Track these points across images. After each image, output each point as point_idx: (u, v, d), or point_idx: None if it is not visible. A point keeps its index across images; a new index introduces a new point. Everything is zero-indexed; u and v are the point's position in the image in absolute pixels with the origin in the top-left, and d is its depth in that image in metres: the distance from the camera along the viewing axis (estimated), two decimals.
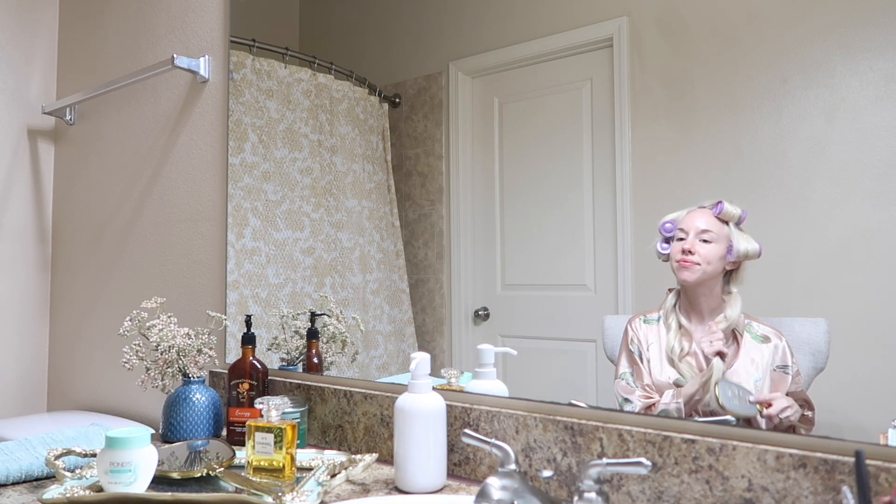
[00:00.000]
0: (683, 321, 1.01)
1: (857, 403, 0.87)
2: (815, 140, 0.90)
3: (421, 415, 1.06)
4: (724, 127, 0.98)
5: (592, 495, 0.83)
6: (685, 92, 1.01)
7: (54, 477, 1.18)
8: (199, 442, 1.26)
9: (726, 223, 0.98)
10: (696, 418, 0.98)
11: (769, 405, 0.93)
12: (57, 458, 1.15)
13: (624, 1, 1.08)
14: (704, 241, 0.98)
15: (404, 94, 1.37)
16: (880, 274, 0.85)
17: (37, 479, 1.17)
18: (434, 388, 1.11)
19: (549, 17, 1.16)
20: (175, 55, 1.69)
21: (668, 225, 1.02)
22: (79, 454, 1.20)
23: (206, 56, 1.75)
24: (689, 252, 0.99)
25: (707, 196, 0.99)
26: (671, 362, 1.02)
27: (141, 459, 1.02)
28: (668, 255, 1.02)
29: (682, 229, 1.01)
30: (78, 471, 1.13)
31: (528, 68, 1.19)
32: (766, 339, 0.95)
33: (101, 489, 1.06)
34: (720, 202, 0.98)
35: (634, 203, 1.06)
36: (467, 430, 0.94)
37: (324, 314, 1.46)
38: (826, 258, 0.89)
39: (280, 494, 1.01)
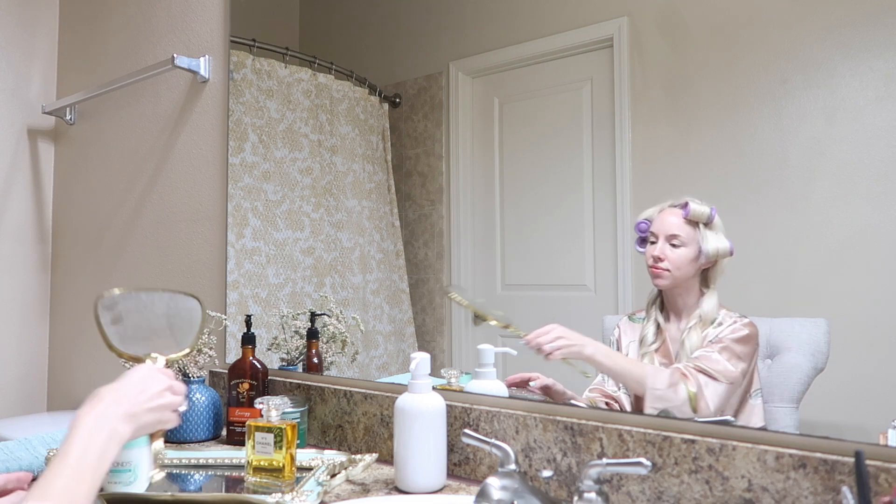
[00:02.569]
0: (660, 318, 1.02)
1: (857, 403, 0.87)
2: (815, 140, 0.90)
3: (421, 415, 1.06)
4: (724, 127, 0.98)
5: (592, 495, 0.82)
6: (685, 92, 1.01)
7: None
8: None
9: (696, 224, 0.98)
10: (696, 418, 0.98)
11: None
12: None
13: (624, 1, 1.08)
14: (674, 245, 0.99)
15: (404, 94, 1.37)
16: (880, 274, 0.85)
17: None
18: (434, 388, 1.11)
19: (550, 17, 1.16)
20: (175, 55, 1.69)
21: (642, 225, 1.02)
22: None
23: (206, 56, 1.75)
24: (659, 259, 1.00)
25: (707, 195, 0.99)
26: (641, 354, 1.04)
27: (141, 459, 1.02)
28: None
29: (652, 233, 1.01)
30: None
31: (528, 68, 1.19)
32: (719, 325, 0.96)
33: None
34: (686, 203, 0.98)
35: (634, 203, 1.06)
36: (467, 430, 0.94)
37: (324, 314, 1.46)
38: (826, 258, 0.89)
39: (280, 494, 1.01)
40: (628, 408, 1.04)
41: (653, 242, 1.01)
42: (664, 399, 0.96)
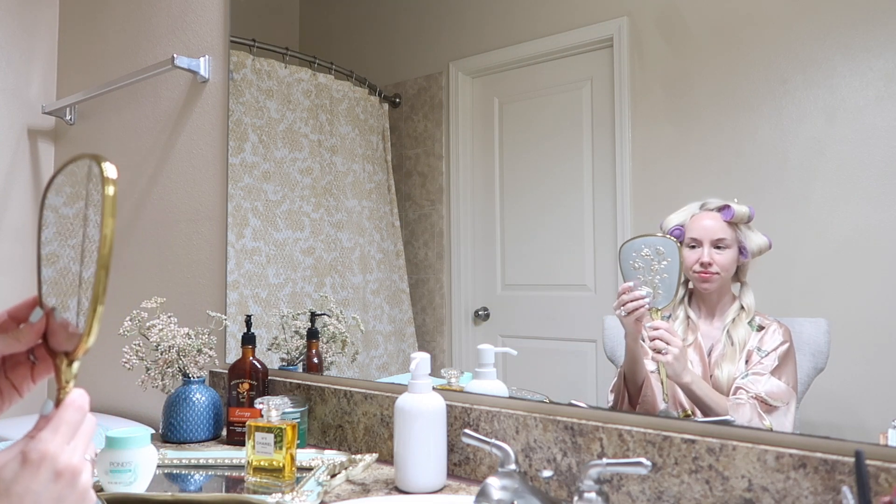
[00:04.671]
0: (692, 315, 1.02)
1: (857, 403, 0.87)
2: (815, 140, 0.90)
3: (421, 415, 1.06)
4: (724, 127, 0.98)
5: (592, 495, 0.82)
6: (685, 92, 1.01)
7: None
8: None
9: (735, 224, 0.97)
10: (697, 418, 0.98)
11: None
12: None
13: (624, 1, 1.08)
14: (719, 248, 0.98)
15: (404, 94, 1.37)
16: (880, 274, 0.85)
17: None
18: (434, 388, 1.11)
19: (550, 17, 1.16)
20: (175, 55, 1.69)
21: (676, 232, 1.01)
22: None
23: (206, 56, 1.75)
24: (709, 264, 0.99)
25: (707, 195, 0.99)
26: None
27: (141, 459, 1.02)
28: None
29: (693, 238, 1.00)
30: None
31: (528, 68, 1.19)
32: (760, 328, 0.96)
33: (101, 489, 1.06)
34: (728, 206, 0.97)
35: (634, 203, 1.06)
36: (467, 430, 0.94)
37: (324, 314, 1.46)
38: (826, 258, 0.89)
39: (280, 494, 1.01)
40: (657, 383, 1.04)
41: (693, 247, 1.00)
42: None
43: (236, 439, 1.36)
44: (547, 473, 0.86)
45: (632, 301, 1.03)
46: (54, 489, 0.56)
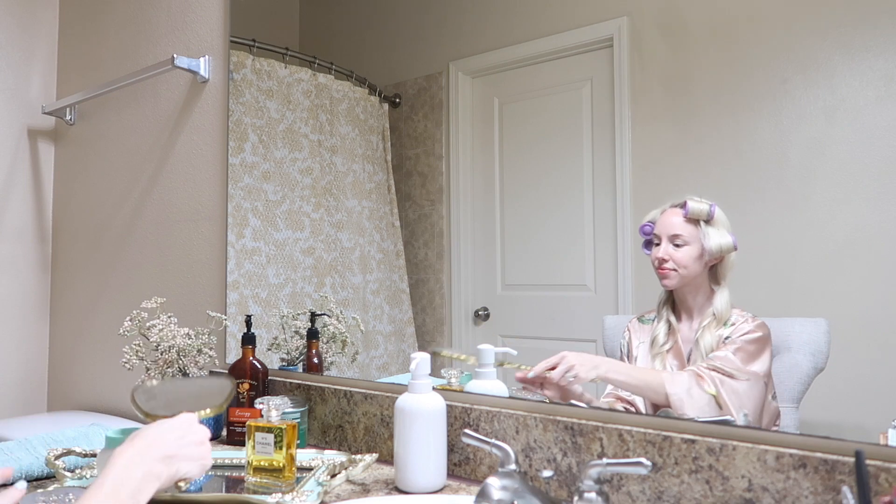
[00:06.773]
0: (672, 318, 1.02)
1: (857, 403, 0.87)
2: (815, 140, 0.90)
3: (421, 415, 1.06)
4: (724, 127, 0.98)
5: (592, 495, 0.82)
6: (685, 92, 1.01)
7: (54, 477, 1.18)
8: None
9: (697, 222, 0.98)
10: (697, 418, 0.98)
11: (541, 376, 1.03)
12: (57, 458, 1.15)
13: (624, 1, 1.08)
14: (677, 245, 0.99)
15: (404, 94, 1.37)
16: (880, 274, 0.85)
17: (37, 479, 1.17)
18: (434, 389, 1.11)
19: (550, 17, 1.16)
20: (175, 55, 1.69)
21: (646, 228, 1.03)
22: (79, 454, 1.19)
23: (206, 56, 1.75)
24: (664, 260, 1.00)
25: (707, 195, 0.99)
26: (652, 355, 1.03)
27: None
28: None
29: (656, 234, 1.01)
30: (78, 471, 1.13)
31: (528, 68, 1.19)
32: (732, 325, 0.96)
33: None
34: (685, 202, 0.98)
35: (634, 203, 1.06)
36: (467, 431, 0.94)
37: (324, 314, 1.46)
38: (826, 258, 0.89)
39: (280, 494, 1.01)
40: (644, 412, 1.04)
41: (657, 244, 1.01)
42: (686, 403, 0.96)
43: (236, 439, 1.36)
44: (547, 473, 0.86)
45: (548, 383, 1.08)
46: None
